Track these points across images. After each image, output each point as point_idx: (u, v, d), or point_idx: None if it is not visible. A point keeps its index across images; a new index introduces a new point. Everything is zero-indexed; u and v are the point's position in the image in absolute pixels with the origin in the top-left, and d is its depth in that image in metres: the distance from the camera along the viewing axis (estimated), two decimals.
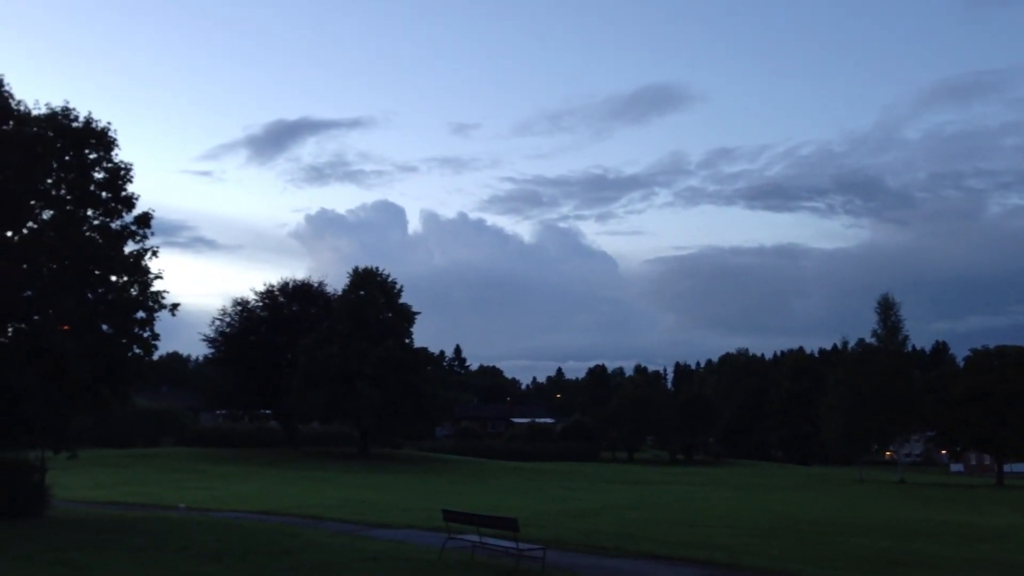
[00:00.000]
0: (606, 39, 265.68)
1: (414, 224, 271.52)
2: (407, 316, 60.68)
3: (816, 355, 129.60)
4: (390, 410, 55.23)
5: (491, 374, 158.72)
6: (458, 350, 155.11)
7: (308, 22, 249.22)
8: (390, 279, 60.83)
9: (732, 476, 64.54)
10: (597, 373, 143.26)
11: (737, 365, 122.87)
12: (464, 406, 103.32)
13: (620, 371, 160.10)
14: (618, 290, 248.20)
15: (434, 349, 65.57)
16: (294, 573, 14.37)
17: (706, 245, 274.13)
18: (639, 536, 21.38)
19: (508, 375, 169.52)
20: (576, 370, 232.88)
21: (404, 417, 57.19)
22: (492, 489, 40.77)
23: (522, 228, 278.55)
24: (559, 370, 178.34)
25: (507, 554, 15.74)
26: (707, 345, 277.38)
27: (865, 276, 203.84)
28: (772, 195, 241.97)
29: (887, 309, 65.87)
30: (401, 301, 60.75)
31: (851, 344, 70.32)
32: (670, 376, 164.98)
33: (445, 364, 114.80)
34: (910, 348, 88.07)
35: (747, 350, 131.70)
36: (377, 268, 60.98)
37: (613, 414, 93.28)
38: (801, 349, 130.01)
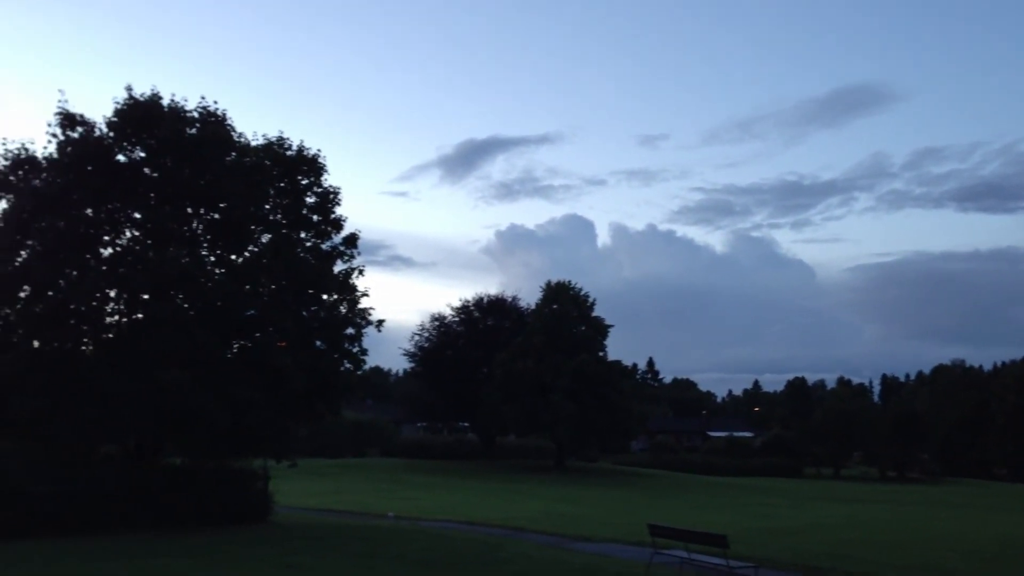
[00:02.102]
0: (795, 42, 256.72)
1: (603, 237, 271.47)
2: (600, 329, 60.56)
3: None
4: (585, 423, 55.23)
5: (685, 387, 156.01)
6: (651, 363, 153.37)
7: (494, 45, 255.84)
8: (582, 292, 60.96)
9: (951, 495, 60.13)
10: (797, 386, 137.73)
11: (952, 377, 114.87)
12: (659, 419, 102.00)
13: (821, 384, 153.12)
14: (816, 300, 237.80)
15: (627, 362, 64.99)
16: None
17: (913, 251, 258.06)
18: (853, 556, 20.22)
19: (703, 388, 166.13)
20: (774, 383, 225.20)
21: (599, 430, 57.04)
22: (691, 504, 39.90)
23: (713, 238, 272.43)
24: (755, 382, 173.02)
25: (716, 571, 15.30)
26: (917, 356, 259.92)
27: None
28: (987, 196, 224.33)
29: None
30: (594, 314, 60.73)
31: None
32: (876, 389, 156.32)
33: (638, 377, 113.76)
34: None
35: (963, 361, 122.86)
36: (569, 281, 61.30)
37: (816, 428, 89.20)
38: None
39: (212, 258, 23.80)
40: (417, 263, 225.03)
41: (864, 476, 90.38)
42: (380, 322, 25.33)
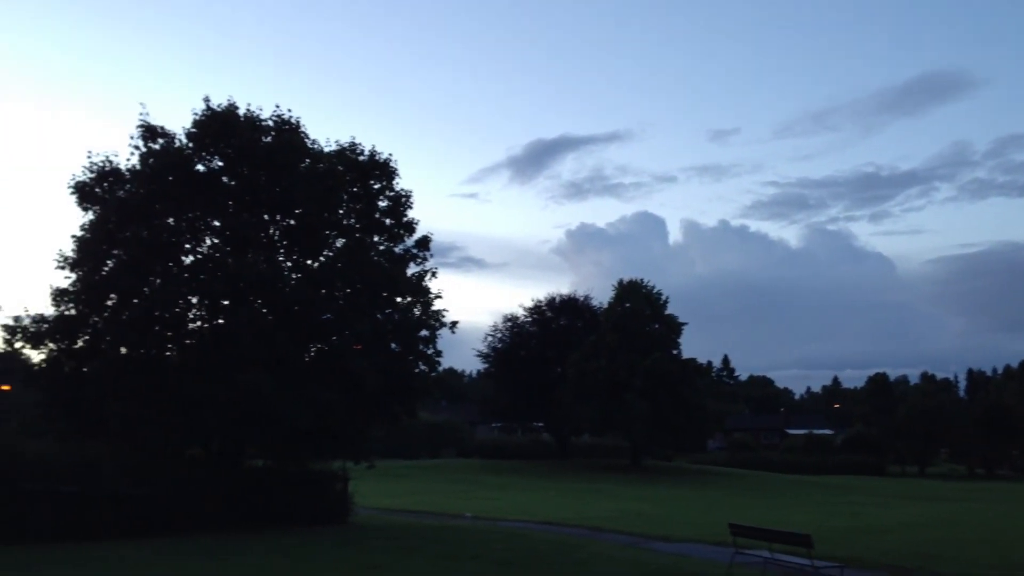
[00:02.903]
0: (870, 30, 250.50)
1: (675, 234, 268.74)
2: (674, 327, 59.96)
3: None
4: (660, 422, 54.76)
5: (762, 384, 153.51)
6: (726, 360, 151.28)
7: (562, 45, 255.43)
8: (655, 290, 60.42)
9: None
10: (878, 381, 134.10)
11: None
12: (736, 417, 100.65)
13: (904, 379, 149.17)
14: (897, 293, 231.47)
15: (701, 360, 64.09)
16: None
17: (999, 241, 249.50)
18: (943, 556, 19.62)
19: (780, 385, 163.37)
20: (854, 379, 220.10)
21: (674, 429, 56.49)
22: (771, 503, 39.21)
23: (788, 233, 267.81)
24: (835, 379, 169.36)
25: (801, 572, 14.99)
26: (1004, 349, 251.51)
27: None
28: None
29: None
30: (667, 312, 60.16)
31: None
32: (962, 383, 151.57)
33: (713, 375, 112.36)
34: None
35: None
36: (641, 280, 60.82)
37: (900, 425, 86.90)
38: None
39: (289, 263, 24.24)
40: (488, 264, 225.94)
41: (951, 474, 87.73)
42: (454, 324, 25.46)
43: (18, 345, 22.23)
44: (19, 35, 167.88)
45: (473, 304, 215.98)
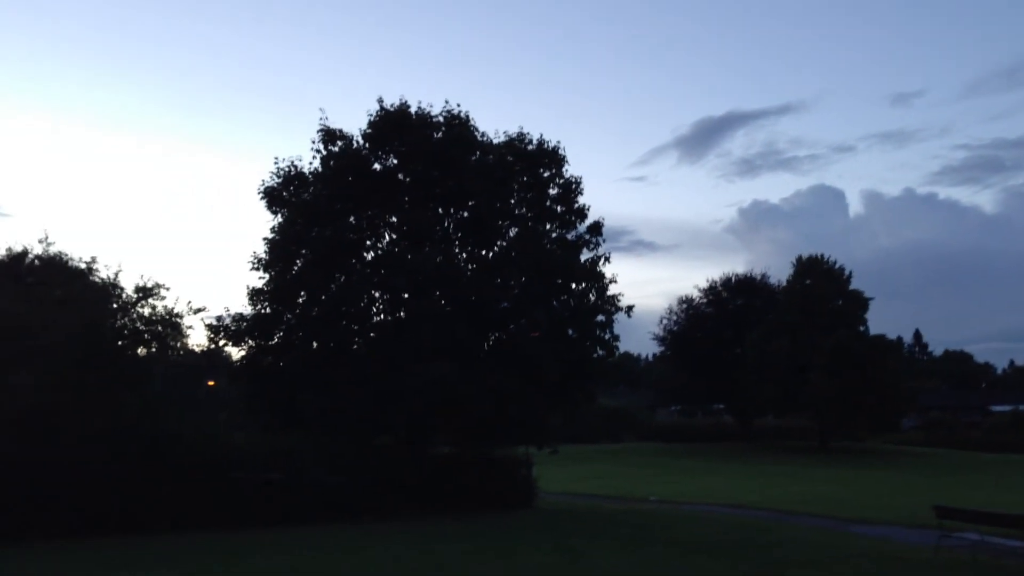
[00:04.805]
0: None
1: (855, 206, 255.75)
2: (859, 303, 57.31)
3: None
4: (848, 402, 52.57)
5: (958, 359, 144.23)
6: (918, 335, 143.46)
7: (725, 18, 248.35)
8: (836, 265, 58.01)
9: None
10: None
11: None
12: (931, 394, 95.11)
13: None
14: None
15: (891, 336, 60.97)
16: (784, 569, 14.05)
17: None
18: None
19: (979, 359, 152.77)
20: None
21: (864, 409, 54.07)
22: (974, 484, 36.77)
23: (982, 198, 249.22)
24: None
25: (1015, 555, 14.03)
26: None
27: None
28: None
29: None
30: (851, 287, 57.63)
31: None
32: None
33: (905, 351, 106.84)
34: None
35: None
36: (821, 255, 58.54)
37: None
38: None
39: (464, 255, 24.79)
40: (660, 247, 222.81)
41: None
42: (629, 308, 25.30)
43: (221, 343, 23.77)
44: (212, 55, 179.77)
45: (647, 288, 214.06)
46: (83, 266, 22.58)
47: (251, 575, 13.97)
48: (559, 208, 25.70)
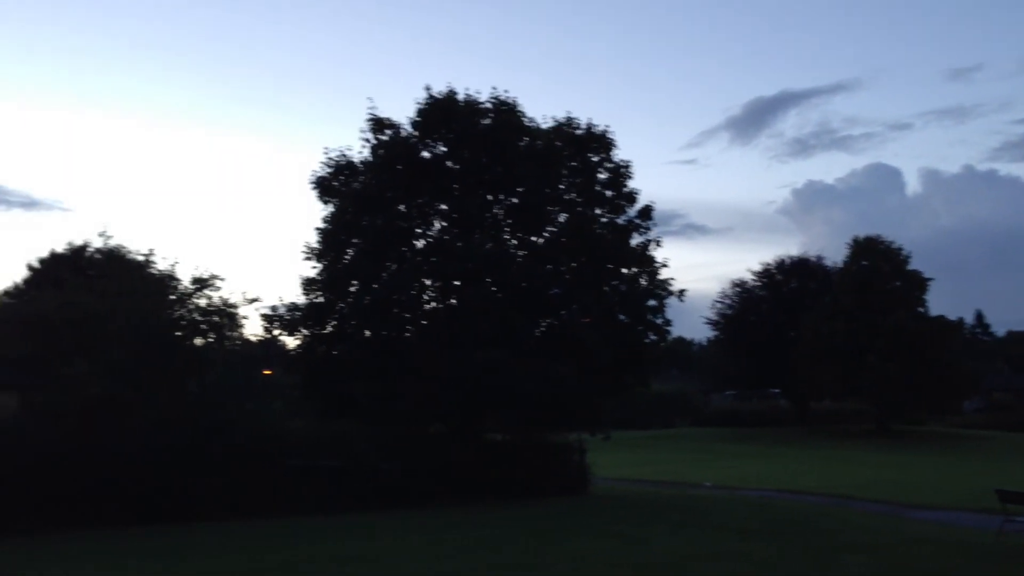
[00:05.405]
0: None
1: (912, 185, 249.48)
2: (918, 284, 56.13)
3: None
4: (908, 384, 51.56)
5: (1022, 341, 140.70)
6: (979, 316, 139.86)
7: None
8: (894, 246, 56.81)
9: None
10: None
11: None
12: (995, 376, 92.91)
13: None
14: None
15: (951, 317, 59.50)
16: (839, 554, 13.83)
17: None
18: None
19: None
20: None
21: (925, 392, 53.01)
22: None
23: None
24: None
25: None
26: None
27: None
28: None
29: None
30: (909, 268, 56.45)
31: None
32: None
33: (966, 332, 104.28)
34: None
35: None
36: (878, 235, 57.37)
37: None
38: None
39: (514, 241, 24.73)
40: (712, 230, 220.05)
41: None
42: (681, 292, 25.08)
43: (276, 332, 24.07)
44: (263, 47, 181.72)
45: (699, 271, 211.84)
46: (141, 259, 23.06)
47: (336, 560, 13.53)
48: (608, 193, 25.51)
